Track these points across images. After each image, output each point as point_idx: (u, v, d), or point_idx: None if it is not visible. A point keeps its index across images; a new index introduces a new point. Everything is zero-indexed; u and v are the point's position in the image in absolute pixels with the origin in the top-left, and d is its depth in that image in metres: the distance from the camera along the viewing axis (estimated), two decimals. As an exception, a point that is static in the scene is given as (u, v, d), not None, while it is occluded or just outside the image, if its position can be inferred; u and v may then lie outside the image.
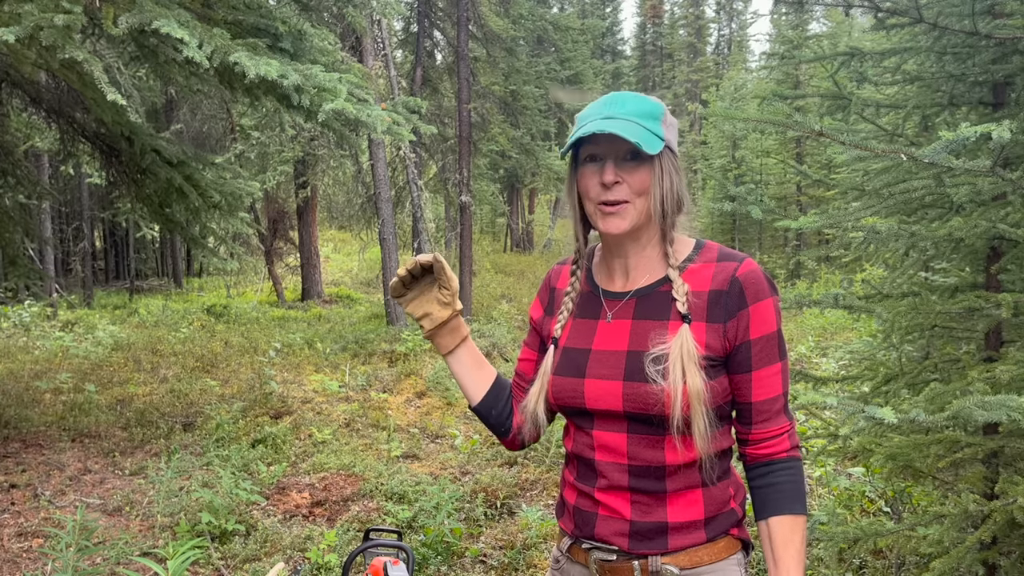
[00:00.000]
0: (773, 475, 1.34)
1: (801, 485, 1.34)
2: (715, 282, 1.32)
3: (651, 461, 1.32)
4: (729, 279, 1.31)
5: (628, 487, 1.34)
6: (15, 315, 11.60)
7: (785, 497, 1.32)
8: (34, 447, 5.73)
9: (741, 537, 1.39)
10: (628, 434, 1.33)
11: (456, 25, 13.17)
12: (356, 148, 13.73)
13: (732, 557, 1.37)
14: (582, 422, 1.39)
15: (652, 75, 45.71)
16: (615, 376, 1.33)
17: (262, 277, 17.77)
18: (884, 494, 4.19)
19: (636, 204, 1.33)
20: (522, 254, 25.63)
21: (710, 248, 1.38)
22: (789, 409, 1.36)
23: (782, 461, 1.34)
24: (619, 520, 1.35)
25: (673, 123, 1.38)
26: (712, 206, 21.60)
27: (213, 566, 3.80)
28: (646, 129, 1.31)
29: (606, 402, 1.33)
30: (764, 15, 71.29)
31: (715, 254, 1.37)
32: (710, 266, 1.35)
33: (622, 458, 1.34)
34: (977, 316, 2.82)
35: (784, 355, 1.35)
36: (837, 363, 8.01)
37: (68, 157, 6.96)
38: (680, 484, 1.33)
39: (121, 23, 4.01)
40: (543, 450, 5.55)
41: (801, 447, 1.38)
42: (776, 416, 1.34)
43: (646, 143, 1.28)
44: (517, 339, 10.31)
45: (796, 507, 1.32)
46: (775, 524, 1.32)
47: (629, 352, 1.33)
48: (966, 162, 2.27)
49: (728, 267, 1.33)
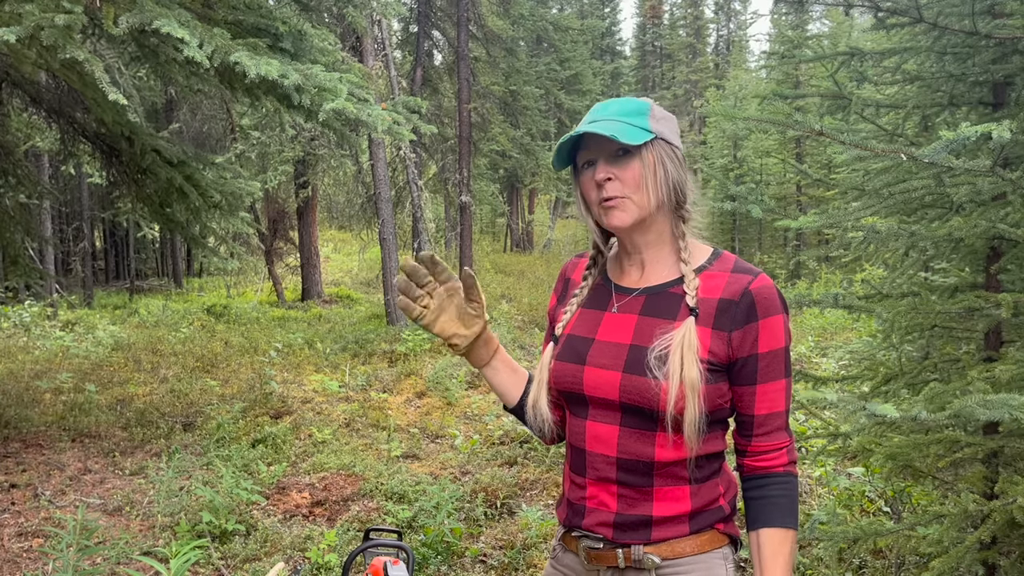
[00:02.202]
0: (768, 488, 1.35)
1: (794, 501, 1.36)
2: (727, 291, 1.34)
3: (640, 456, 1.34)
4: (741, 291, 1.33)
5: (615, 480, 1.37)
6: (15, 315, 11.60)
7: (778, 510, 1.34)
8: (34, 447, 5.74)
9: (728, 532, 1.40)
10: (620, 427, 1.36)
11: (456, 25, 13.17)
12: (356, 148, 13.74)
13: (717, 551, 1.38)
14: (578, 410, 1.41)
15: (652, 75, 45.69)
16: (615, 367, 1.35)
17: (262, 277, 17.76)
18: (884, 494, 4.19)
19: (634, 198, 1.35)
20: (522, 254, 25.62)
21: (726, 259, 1.39)
22: (789, 426, 1.38)
23: (779, 475, 1.36)
24: (605, 511, 1.38)
25: (665, 117, 1.39)
26: (712, 206, 21.58)
27: (213, 566, 3.81)
28: (628, 124, 1.34)
29: (603, 391, 1.36)
30: (764, 15, 71.33)
31: (731, 265, 1.38)
32: (724, 275, 1.36)
33: (611, 451, 1.36)
34: (977, 316, 2.83)
35: (789, 373, 1.36)
36: (837, 363, 8.01)
37: (68, 157, 6.96)
38: (667, 480, 1.35)
39: (121, 23, 4.01)
40: (543, 450, 5.55)
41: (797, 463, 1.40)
42: (777, 431, 1.36)
43: (624, 135, 1.31)
44: (517, 339, 10.32)
45: (788, 521, 1.34)
46: (765, 536, 1.34)
47: (632, 346, 1.35)
48: (966, 162, 2.27)
49: (742, 279, 1.34)
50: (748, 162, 20.80)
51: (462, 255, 13.22)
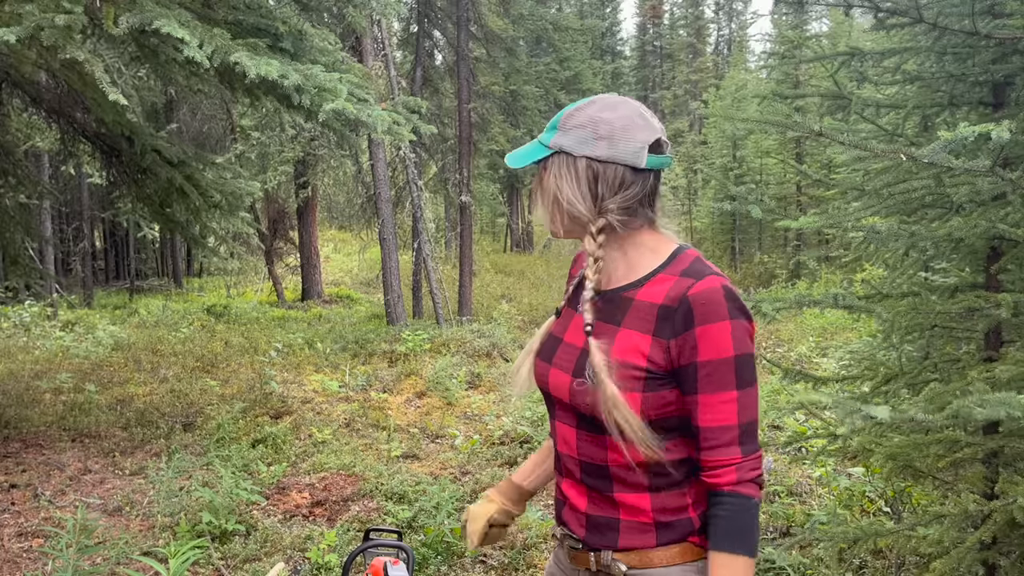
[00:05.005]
0: (713, 507, 1.28)
1: (740, 523, 1.26)
2: (667, 297, 1.27)
3: (595, 459, 1.35)
4: (680, 297, 1.26)
5: (580, 480, 1.39)
6: (15, 315, 11.60)
7: (719, 532, 1.26)
8: (34, 447, 5.74)
9: (704, 546, 1.33)
10: (577, 429, 1.37)
11: (456, 25, 13.17)
12: (356, 148, 13.75)
13: (690, 564, 1.33)
14: (551, 408, 1.44)
15: (652, 75, 45.71)
16: (568, 370, 1.37)
17: (262, 277, 17.77)
18: (884, 494, 4.19)
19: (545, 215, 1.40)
20: (522, 254, 25.64)
21: (682, 260, 1.32)
22: (750, 443, 1.27)
23: (724, 494, 1.26)
24: (578, 511, 1.40)
25: (578, 125, 1.32)
26: (712, 206, 21.61)
27: (213, 566, 3.81)
28: (536, 143, 1.37)
29: (560, 392, 1.38)
30: (764, 15, 71.14)
31: (682, 267, 1.31)
32: (671, 279, 1.29)
33: (573, 452, 1.39)
34: (977, 316, 2.82)
35: (745, 384, 1.25)
36: (837, 363, 8.00)
37: (68, 157, 6.97)
38: (625, 485, 1.34)
39: (121, 23, 4.01)
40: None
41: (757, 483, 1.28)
42: (726, 447, 1.26)
43: (517, 159, 1.37)
44: (517, 339, 10.31)
45: (726, 544, 1.26)
46: (711, 557, 1.28)
47: (582, 350, 1.35)
48: (966, 162, 2.27)
49: (684, 284, 1.27)
50: (748, 162, 20.80)
51: (462, 255, 13.23)
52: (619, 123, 1.30)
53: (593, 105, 1.34)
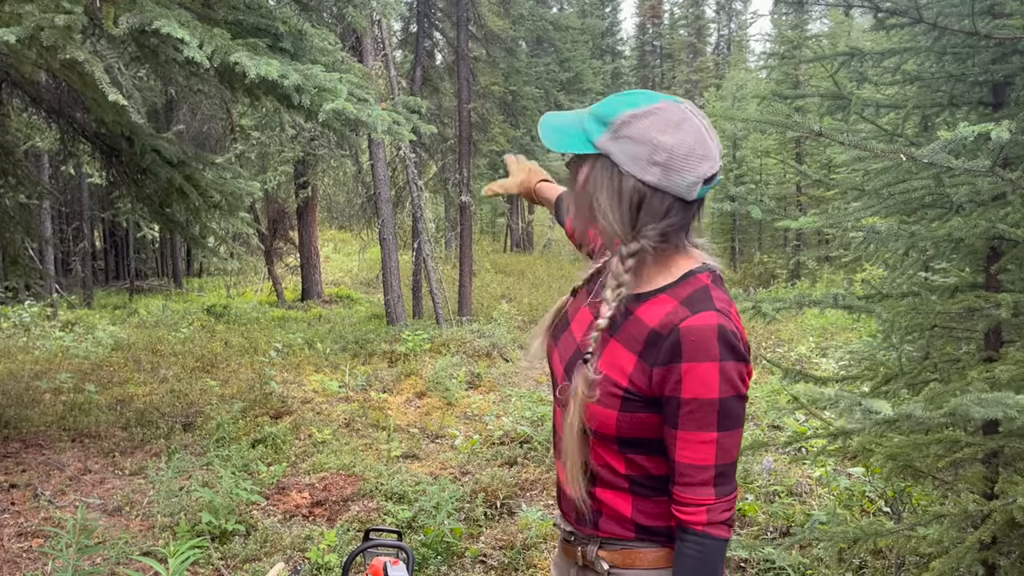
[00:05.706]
0: (681, 544, 1.24)
1: (706, 566, 1.21)
2: (660, 323, 1.21)
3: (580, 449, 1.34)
4: (671, 327, 1.19)
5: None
6: (15, 315, 11.60)
7: (684, 570, 1.22)
8: (34, 447, 5.73)
9: None
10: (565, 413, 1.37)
11: (456, 25, 13.17)
12: (356, 148, 13.74)
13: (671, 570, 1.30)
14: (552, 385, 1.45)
15: (652, 75, 45.68)
16: (564, 358, 1.38)
17: (262, 277, 17.76)
18: (884, 494, 4.20)
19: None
20: (522, 254, 25.63)
21: (690, 284, 1.24)
22: (725, 484, 1.22)
23: (694, 533, 1.22)
24: (567, 498, 1.40)
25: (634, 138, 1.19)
26: (712, 206, 21.59)
27: (213, 566, 3.81)
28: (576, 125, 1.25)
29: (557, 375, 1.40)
30: (764, 15, 71.06)
31: (685, 293, 1.22)
32: (671, 304, 1.22)
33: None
34: (977, 316, 2.83)
35: (727, 427, 1.19)
36: (837, 363, 8.01)
37: (68, 157, 6.96)
38: (605, 483, 1.33)
39: (121, 23, 4.01)
40: (543, 450, 5.55)
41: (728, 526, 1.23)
42: (700, 486, 1.21)
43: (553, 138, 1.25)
44: (517, 339, 10.31)
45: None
46: None
47: (578, 344, 1.35)
48: (966, 162, 2.28)
49: (680, 314, 1.19)
50: (748, 162, 20.79)
51: (462, 255, 13.22)
52: (680, 151, 1.18)
53: (656, 117, 1.19)
